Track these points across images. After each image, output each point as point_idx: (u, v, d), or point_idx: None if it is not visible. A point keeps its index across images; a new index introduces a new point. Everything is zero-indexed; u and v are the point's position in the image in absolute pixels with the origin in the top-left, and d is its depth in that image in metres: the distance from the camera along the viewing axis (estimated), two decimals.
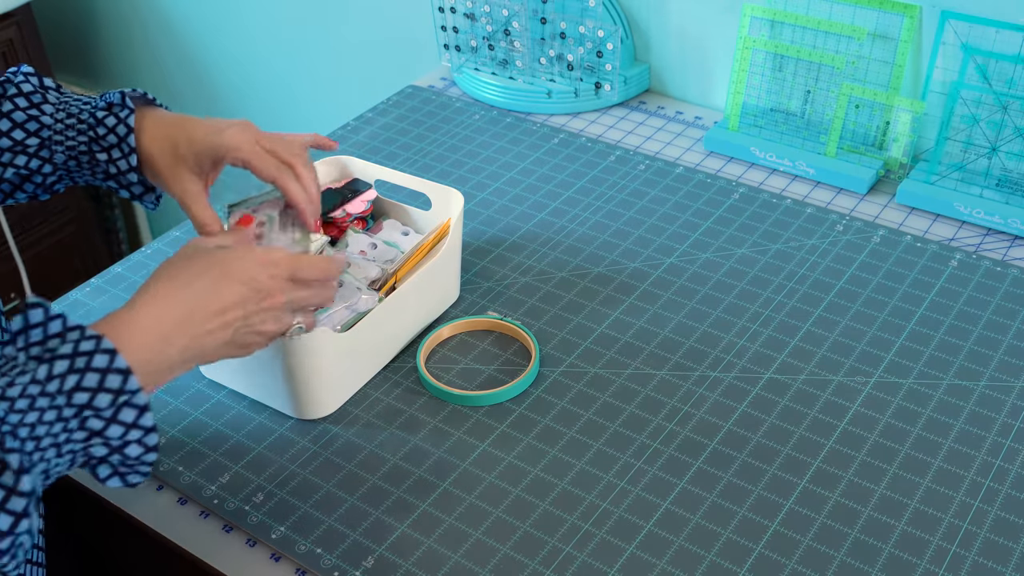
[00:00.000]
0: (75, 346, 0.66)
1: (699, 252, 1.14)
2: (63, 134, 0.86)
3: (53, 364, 0.65)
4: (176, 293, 0.73)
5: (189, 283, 0.74)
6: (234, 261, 0.76)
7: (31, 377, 0.64)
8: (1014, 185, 1.16)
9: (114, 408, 0.67)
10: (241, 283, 0.75)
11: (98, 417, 0.66)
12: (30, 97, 0.86)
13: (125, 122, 0.86)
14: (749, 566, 0.81)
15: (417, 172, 1.28)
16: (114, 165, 0.86)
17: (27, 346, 0.66)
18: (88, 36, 2.24)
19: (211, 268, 0.75)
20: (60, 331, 0.67)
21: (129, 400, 0.67)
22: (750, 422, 0.94)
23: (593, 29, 1.32)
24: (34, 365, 0.65)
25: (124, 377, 0.67)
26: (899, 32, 1.21)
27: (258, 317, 0.77)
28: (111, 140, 0.86)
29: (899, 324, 1.03)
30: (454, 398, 0.96)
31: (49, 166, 0.86)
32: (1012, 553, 0.81)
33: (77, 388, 0.65)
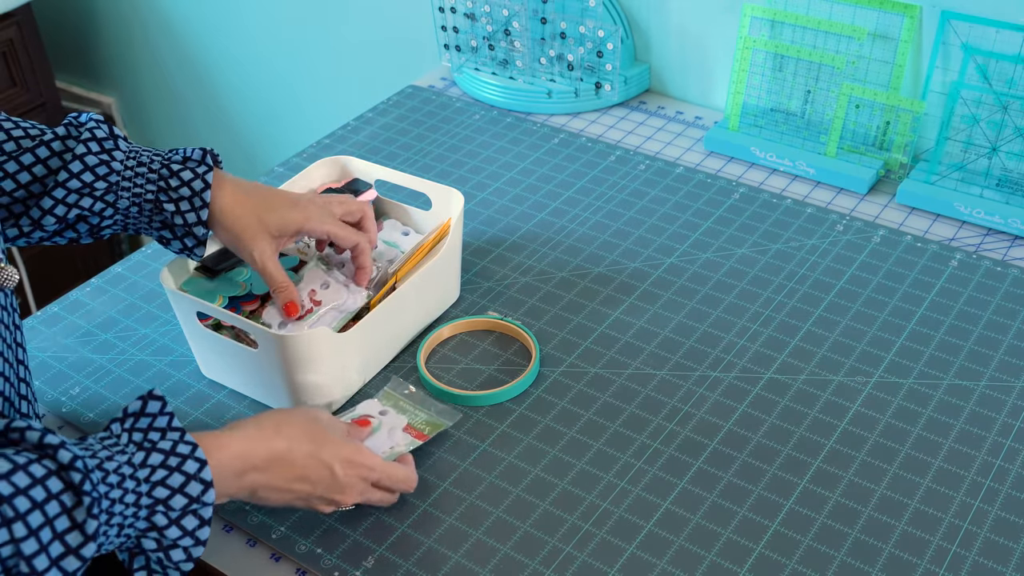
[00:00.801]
0: (173, 445, 0.71)
1: (699, 252, 1.14)
2: (132, 180, 0.89)
3: (150, 454, 0.70)
4: (274, 443, 0.78)
5: (288, 442, 0.79)
6: (334, 447, 0.81)
7: (128, 459, 0.69)
8: (1014, 185, 1.16)
9: (183, 512, 0.70)
10: (328, 469, 0.80)
11: (166, 516, 0.70)
12: (103, 143, 0.88)
13: (203, 178, 0.90)
14: (749, 566, 0.81)
15: (417, 172, 1.28)
16: (180, 216, 0.89)
17: (132, 429, 0.71)
18: (88, 36, 2.24)
19: (313, 440, 0.80)
20: (164, 427, 0.72)
21: (198, 510, 0.71)
22: (750, 422, 0.94)
23: (593, 29, 1.32)
24: (133, 449, 0.70)
25: (205, 488, 0.71)
26: (899, 32, 1.21)
27: (324, 502, 0.82)
28: (184, 192, 0.89)
29: (899, 324, 1.03)
30: (454, 398, 0.96)
31: (111, 210, 0.89)
32: (1012, 553, 0.81)
33: (161, 483, 0.69)
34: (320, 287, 0.99)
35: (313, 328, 0.93)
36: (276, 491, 0.78)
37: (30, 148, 0.87)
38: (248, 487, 0.77)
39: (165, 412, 0.72)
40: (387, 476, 0.84)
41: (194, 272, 1.00)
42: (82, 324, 1.08)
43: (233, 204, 0.92)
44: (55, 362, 1.04)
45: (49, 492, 0.63)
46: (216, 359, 0.98)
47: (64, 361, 1.04)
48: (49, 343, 1.06)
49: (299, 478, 0.79)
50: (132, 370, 1.02)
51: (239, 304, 0.98)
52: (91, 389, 1.00)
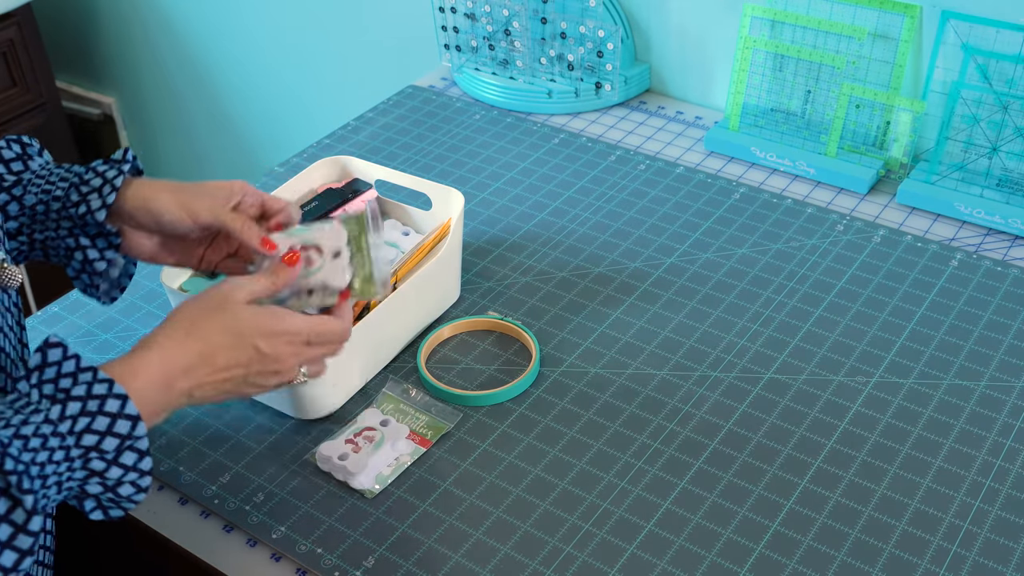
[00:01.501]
0: (88, 388, 0.68)
1: (699, 252, 1.14)
2: (44, 179, 0.85)
3: (66, 405, 0.67)
4: (189, 343, 0.74)
5: (204, 336, 0.75)
6: (252, 324, 0.77)
7: (44, 416, 0.66)
8: (1014, 185, 1.16)
9: (118, 452, 0.69)
10: (253, 348, 0.76)
11: (102, 459, 0.68)
12: (27, 147, 0.87)
13: (119, 168, 0.85)
14: (750, 566, 0.81)
15: (417, 172, 1.28)
16: (85, 204, 0.83)
17: (40, 383, 0.68)
18: (88, 36, 2.24)
19: (228, 327, 0.76)
20: (73, 371, 0.68)
21: (133, 444, 0.69)
22: (750, 422, 0.94)
23: (593, 29, 1.32)
24: (47, 404, 0.67)
25: (133, 423, 0.69)
26: (899, 32, 1.21)
27: (263, 376, 0.78)
28: (95, 183, 0.84)
29: (899, 324, 1.03)
30: (454, 398, 0.96)
31: (15, 205, 0.85)
32: (1013, 553, 0.81)
33: (87, 430, 0.67)
34: None
35: None
36: (209, 387, 0.75)
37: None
38: (178, 396, 0.74)
39: (69, 356, 0.69)
40: (315, 334, 0.80)
41: (193, 272, 1.00)
42: (82, 324, 1.08)
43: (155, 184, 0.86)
44: None
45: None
46: None
47: None
48: None
49: (226, 367, 0.75)
50: None
51: None
52: None
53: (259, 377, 0.78)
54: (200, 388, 0.75)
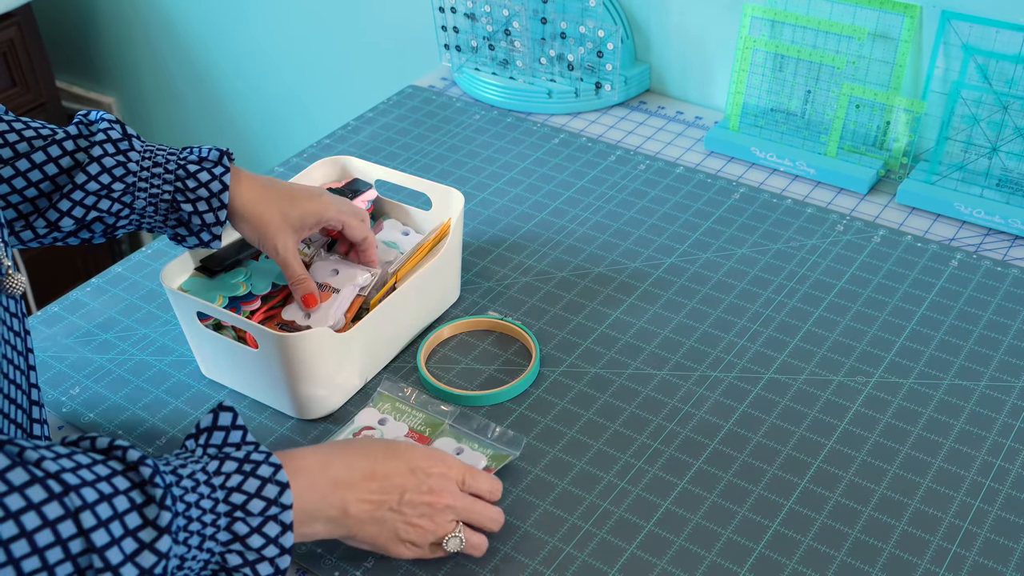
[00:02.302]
0: (247, 454, 0.71)
1: (699, 252, 1.14)
2: (148, 181, 0.89)
3: (224, 462, 0.70)
4: (346, 453, 0.77)
5: (361, 451, 0.78)
6: (410, 448, 0.81)
7: (202, 467, 0.69)
8: (1014, 185, 1.16)
9: (263, 518, 0.69)
10: (409, 468, 0.78)
11: (246, 523, 0.69)
12: (118, 143, 0.89)
13: (220, 179, 0.91)
14: (750, 566, 0.81)
15: (417, 172, 1.28)
16: (199, 216, 0.90)
17: (207, 445, 0.72)
18: (88, 36, 2.24)
19: (386, 447, 0.80)
20: (238, 442, 0.73)
21: (278, 515, 0.70)
22: (750, 422, 0.94)
23: (593, 29, 1.32)
24: (207, 460, 0.70)
25: (281, 490, 0.70)
26: (899, 32, 1.21)
27: (416, 508, 0.78)
28: (202, 193, 0.90)
29: (899, 324, 1.03)
30: (454, 398, 0.96)
31: (127, 210, 0.89)
32: (1013, 553, 0.81)
33: (238, 489, 0.69)
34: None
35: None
36: (361, 503, 0.76)
37: (42, 147, 0.87)
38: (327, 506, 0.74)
39: (237, 425, 0.73)
40: (470, 474, 0.82)
41: (194, 272, 1.00)
42: (82, 324, 1.08)
43: (254, 200, 0.93)
44: (55, 362, 1.04)
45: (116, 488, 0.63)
46: (216, 359, 0.98)
47: (64, 361, 1.04)
48: (49, 343, 1.06)
49: (382, 484, 0.77)
50: (132, 370, 1.02)
51: (239, 304, 0.98)
52: (91, 389, 1.00)
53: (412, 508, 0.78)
54: (350, 503, 0.76)
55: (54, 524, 0.59)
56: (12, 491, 0.59)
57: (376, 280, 1.00)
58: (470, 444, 0.90)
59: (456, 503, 0.80)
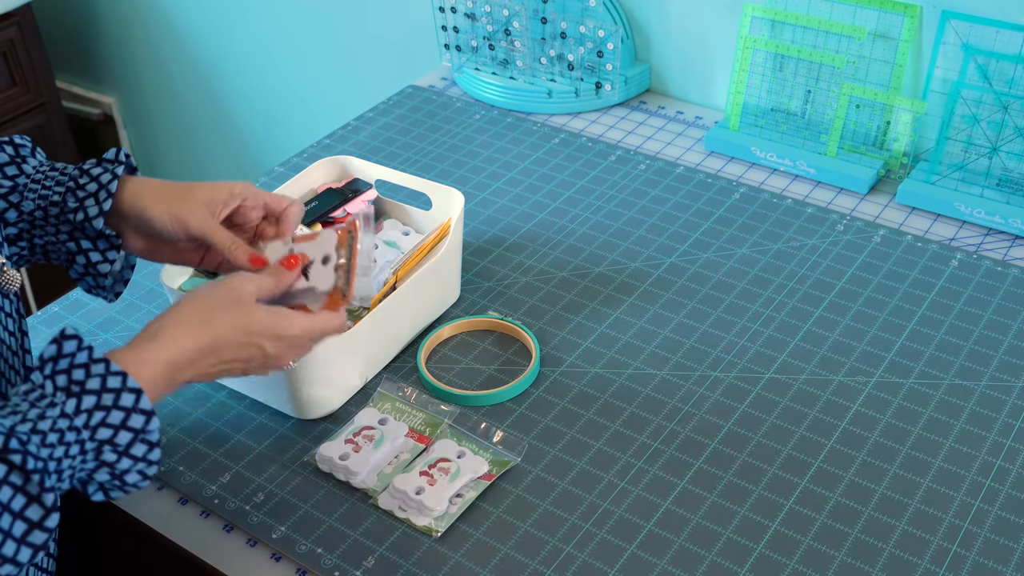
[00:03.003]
0: (102, 381, 0.69)
1: (699, 252, 1.14)
2: (40, 183, 0.85)
3: (81, 399, 0.68)
4: (196, 335, 0.75)
5: (216, 329, 0.76)
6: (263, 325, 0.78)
7: (60, 410, 0.67)
8: (1015, 185, 1.16)
9: (130, 444, 0.70)
10: (257, 347, 0.78)
11: (114, 451, 0.69)
12: (19, 148, 0.87)
13: (112, 171, 0.85)
14: (750, 566, 0.81)
15: (418, 172, 1.28)
16: (83, 211, 0.84)
17: (54, 374, 0.69)
18: (88, 36, 2.24)
19: (240, 324, 0.77)
20: (86, 362, 0.69)
21: (145, 437, 0.70)
22: (750, 422, 0.94)
23: (594, 29, 1.32)
24: (62, 397, 0.68)
25: (147, 418, 0.70)
26: (900, 32, 1.21)
27: (260, 369, 0.80)
28: (91, 188, 0.84)
29: (900, 324, 1.03)
30: (454, 398, 0.96)
31: (14, 212, 0.85)
32: (1013, 553, 0.81)
33: (102, 424, 0.68)
34: None
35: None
36: (206, 376, 0.77)
37: None
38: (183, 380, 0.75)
39: (83, 348, 0.70)
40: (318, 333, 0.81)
41: (194, 272, 1.00)
42: (82, 324, 1.08)
43: (147, 186, 0.86)
44: None
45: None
46: None
47: None
48: None
49: (229, 360, 0.77)
50: None
51: None
52: None
53: (256, 370, 0.80)
54: (199, 376, 0.76)
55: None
56: None
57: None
58: (471, 447, 0.90)
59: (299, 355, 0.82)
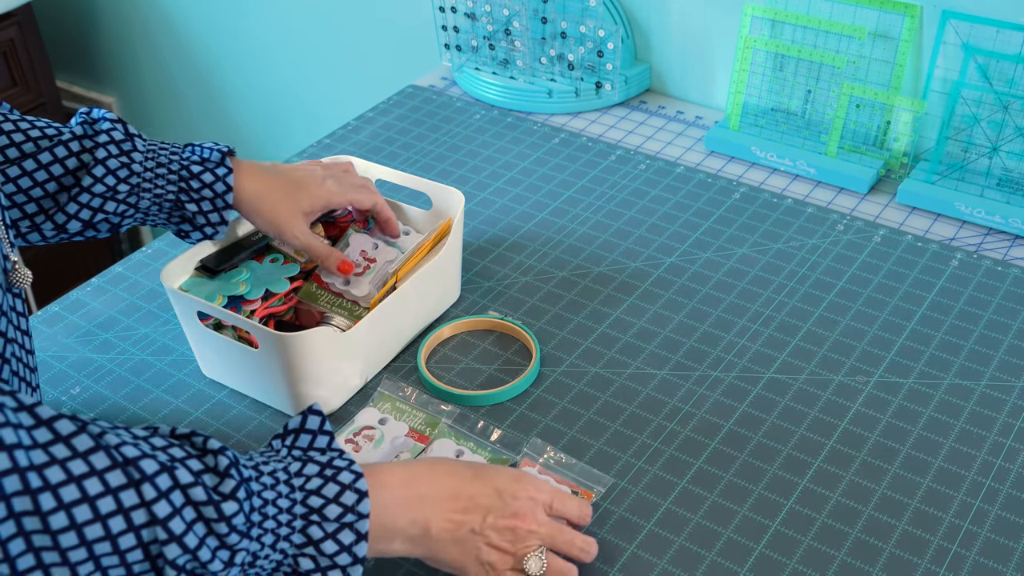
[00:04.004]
0: (330, 459, 0.71)
1: (700, 252, 1.14)
2: (152, 182, 0.91)
3: (306, 464, 0.70)
4: (433, 472, 0.76)
5: (447, 471, 0.76)
6: (497, 469, 0.79)
7: (284, 466, 0.69)
8: (1015, 185, 1.16)
9: (339, 524, 0.68)
10: (496, 489, 0.76)
11: (321, 528, 0.68)
12: (121, 144, 0.90)
13: (224, 180, 0.92)
14: (750, 566, 0.81)
15: (418, 172, 1.28)
16: (204, 216, 0.92)
17: (292, 447, 0.72)
18: (89, 36, 2.24)
19: (474, 468, 0.78)
20: (324, 447, 0.72)
21: (355, 523, 0.69)
22: (751, 422, 0.94)
23: (594, 29, 1.32)
24: (290, 460, 0.70)
25: (360, 498, 0.69)
26: (900, 32, 1.21)
27: (499, 532, 0.76)
28: (206, 194, 0.92)
29: (900, 324, 1.03)
30: (455, 398, 0.96)
31: (132, 210, 0.91)
32: (1013, 553, 0.81)
33: (316, 492, 0.69)
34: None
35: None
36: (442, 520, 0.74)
37: (48, 148, 0.87)
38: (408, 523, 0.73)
39: (324, 431, 0.72)
40: (558, 499, 0.80)
41: (194, 272, 1.00)
42: (82, 324, 1.08)
43: (260, 195, 0.95)
44: (56, 362, 1.04)
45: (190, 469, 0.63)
46: (216, 359, 0.98)
47: (65, 361, 1.04)
48: (49, 343, 1.06)
49: (465, 505, 0.75)
50: (132, 370, 1.02)
51: (239, 304, 0.98)
52: (92, 389, 1.00)
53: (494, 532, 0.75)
54: (431, 520, 0.74)
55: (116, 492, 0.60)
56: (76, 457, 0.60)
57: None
58: (469, 446, 0.90)
59: (541, 528, 0.77)
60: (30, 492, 0.57)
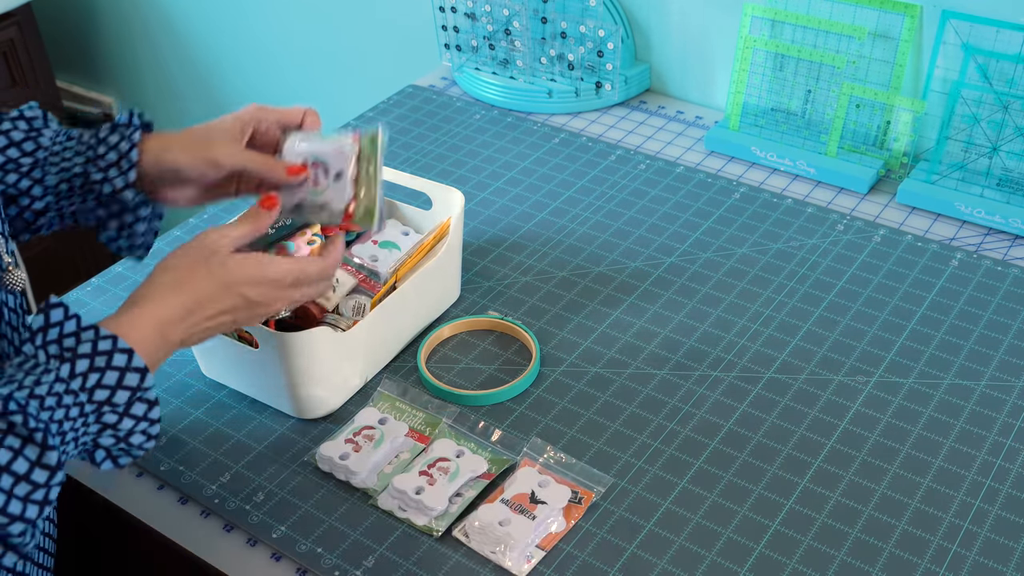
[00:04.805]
0: (93, 345, 0.70)
1: (700, 252, 1.14)
2: (59, 155, 0.86)
3: (75, 363, 0.69)
4: (177, 294, 0.76)
5: (193, 288, 0.77)
6: (238, 273, 0.79)
7: (55, 376, 0.68)
8: (1015, 185, 1.16)
9: (129, 404, 0.71)
10: (240, 296, 0.79)
11: (114, 412, 0.70)
12: (32, 121, 0.87)
13: (129, 137, 0.85)
14: (750, 566, 0.81)
15: (418, 172, 1.28)
16: (110, 183, 0.84)
17: (45, 344, 0.70)
18: (89, 36, 2.24)
19: (215, 277, 0.78)
20: (75, 330, 0.70)
21: (143, 396, 0.71)
22: (751, 422, 0.93)
23: (594, 28, 1.32)
24: (56, 364, 0.69)
25: (141, 376, 0.71)
26: (900, 32, 1.21)
27: (251, 319, 0.81)
28: (111, 157, 0.85)
29: (900, 324, 1.03)
30: (454, 398, 0.96)
31: (39, 188, 0.86)
32: (1013, 553, 0.81)
33: (98, 385, 0.70)
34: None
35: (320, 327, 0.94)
36: (200, 334, 0.78)
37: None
38: (175, 344, 0.76)
39: (70, 316, 0.71)
40: (301, 276, 0.82)
41: None
42: None
43: (172, 138, 0.87)
44: None
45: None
46: (216, 359, 0.98)
47: None
48: None
49: (215, 315, 0.78)
50: None
51: None
52: None
53: (247, 320, 0.81)
54: (192, 335, 0.77)
55: None
56: None
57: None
58: (470, 446, 0.90)
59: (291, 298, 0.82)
60: None
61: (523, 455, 0.89)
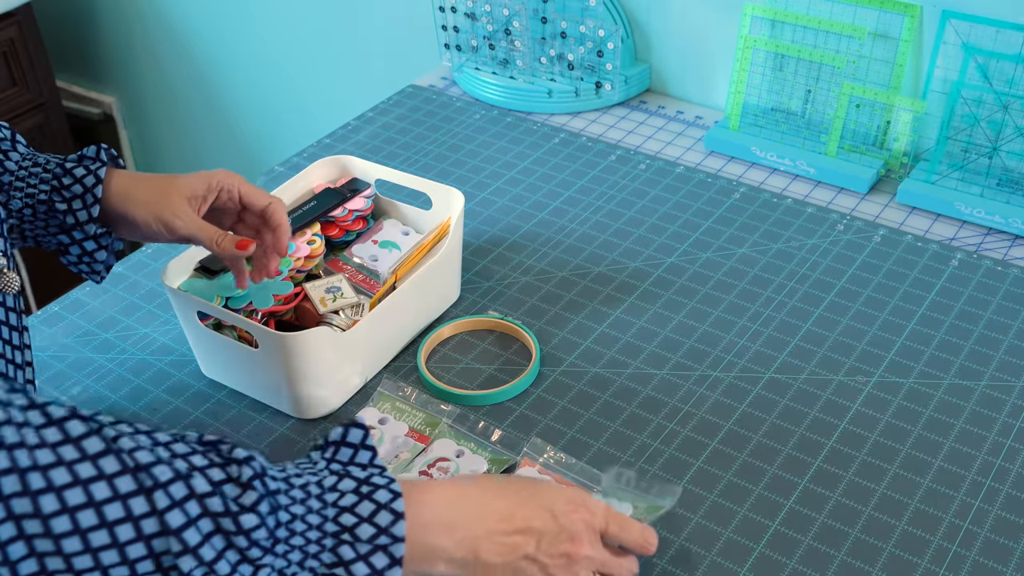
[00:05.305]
0: (369, 476, 0.66)
1: (700, 252, 1.14)
2: (24, 180, 0.86)
3: (342, 479, 0.65)
4: (481, 492, 0.71)
5: (498, 492, 0.72)
6: (551, 490, 0.74)
7: (318, 480, 0.65)
8: (1015, 185, 1.16)
9: (372, 546, 0.64)
10: (550, 512, 0.72)
11: (353, 548, 0.64)
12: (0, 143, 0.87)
13: (95, 173, 0.86)
14: (750, 565, 0.81)
15: (418, 172, 1.28)
16: (72, 216, 0.86)
17: (332, 460, 0.67)
18: (89, 36, 2.24)
19: (526, 488, 0.73)
20: (365, 463, 0.67)
21: (388, 545, 0.64)
22: (751, 421, 0.93)
23: (594, 28, 1.32)
24: (326, 474, 0.65)
25: (395, 519, 0.64)
26: (900, 31, 1.21)
27: (551, 558, 0.72)
28: (76, 190, 0.86)
29: (900, 324, 1.03)
30: (454, 398, 0.96)
31: (2, 210, 0.85)
32: (1013, 553, 0.81)
33: (350, 510, 0.64)
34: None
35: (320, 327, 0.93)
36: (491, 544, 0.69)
37: None
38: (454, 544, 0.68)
39: (367, 445, 0.67)
40: (615, 522, 0.75)
41: (194, 273, 1.00)
42: (82, 323, 1.08)
43: (135, 181, 0.88)
44: (55, 361, 1.04)
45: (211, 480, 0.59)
46: (216, 359, 0.98)
47: (64, 360, 1.04)
48: (49, 342, 1.06)
49: (516, 528, 0.70)
50: (132, 369, 1.02)
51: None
52: (91, 388, 1.00)
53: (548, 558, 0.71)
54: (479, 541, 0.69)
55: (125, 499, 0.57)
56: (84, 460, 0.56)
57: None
58: (470, 446, 0.90)
59: (596, 554, 0.73)
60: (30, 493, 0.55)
61: (523, 455, 0.89)
